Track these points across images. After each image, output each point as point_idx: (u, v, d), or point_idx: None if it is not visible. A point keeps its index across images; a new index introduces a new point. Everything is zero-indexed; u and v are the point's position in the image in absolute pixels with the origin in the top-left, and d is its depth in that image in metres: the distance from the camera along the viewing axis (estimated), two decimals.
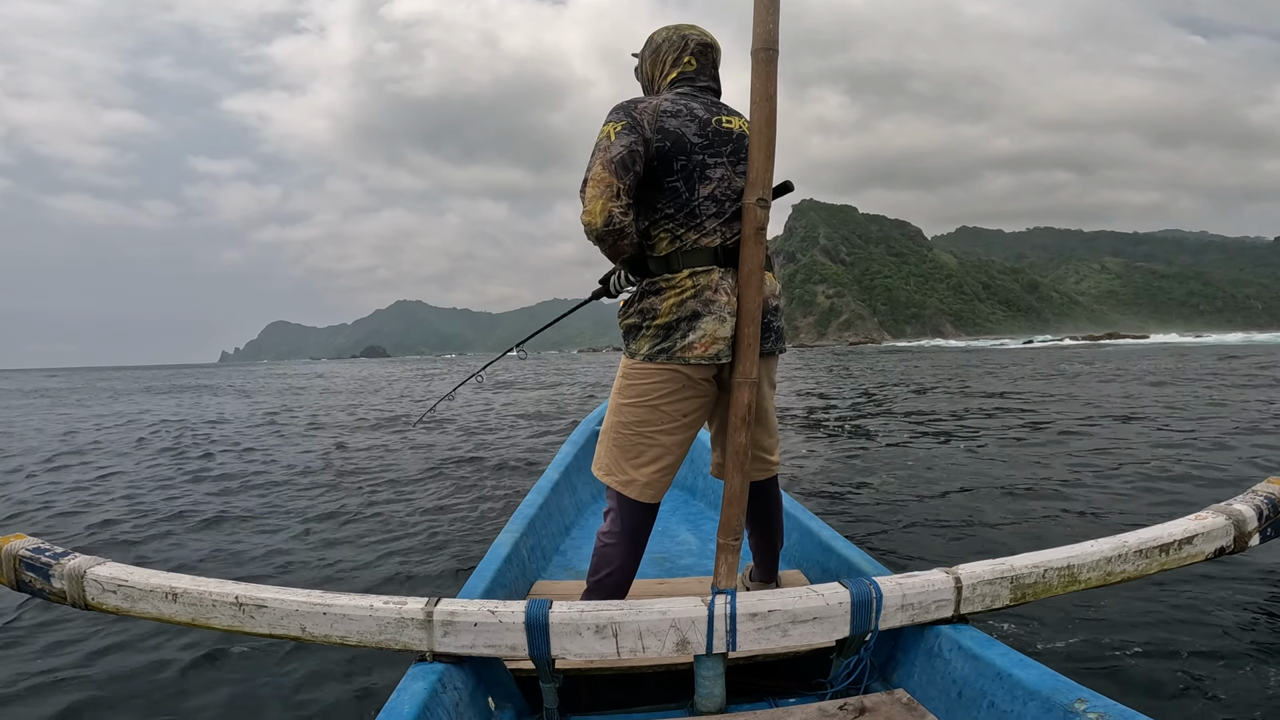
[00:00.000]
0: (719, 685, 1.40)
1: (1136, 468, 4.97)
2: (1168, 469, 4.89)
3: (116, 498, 5.22)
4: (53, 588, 1.33)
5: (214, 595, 1.30)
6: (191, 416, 12.67)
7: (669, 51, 1.63)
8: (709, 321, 1.47)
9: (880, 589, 1.38)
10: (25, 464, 7.04)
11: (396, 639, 1.29)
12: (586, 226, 1.46)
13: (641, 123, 1.48)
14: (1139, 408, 9.24)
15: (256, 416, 12.35)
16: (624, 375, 1.59)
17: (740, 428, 1.42)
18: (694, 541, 2.70)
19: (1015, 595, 1.41)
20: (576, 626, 1.30)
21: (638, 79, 1.76)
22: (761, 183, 1.39)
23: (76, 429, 10.90)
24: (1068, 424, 7.69)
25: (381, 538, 3.93)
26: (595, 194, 1.44)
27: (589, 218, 1.45)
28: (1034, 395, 11.74)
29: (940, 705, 1.35)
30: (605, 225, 1.44)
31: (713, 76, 1.66)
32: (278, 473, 6.30)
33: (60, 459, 7.39)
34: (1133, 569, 1.43)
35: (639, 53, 1.72)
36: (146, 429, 10.47)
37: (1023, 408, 9.73)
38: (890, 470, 5.34)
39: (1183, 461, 5.14)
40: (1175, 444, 5.96)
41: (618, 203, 1.44)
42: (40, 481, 6.05)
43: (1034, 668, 1.23)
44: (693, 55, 1.62)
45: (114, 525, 4.34)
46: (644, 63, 1.70)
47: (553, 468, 3.07)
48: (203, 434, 9.50)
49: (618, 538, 1.61)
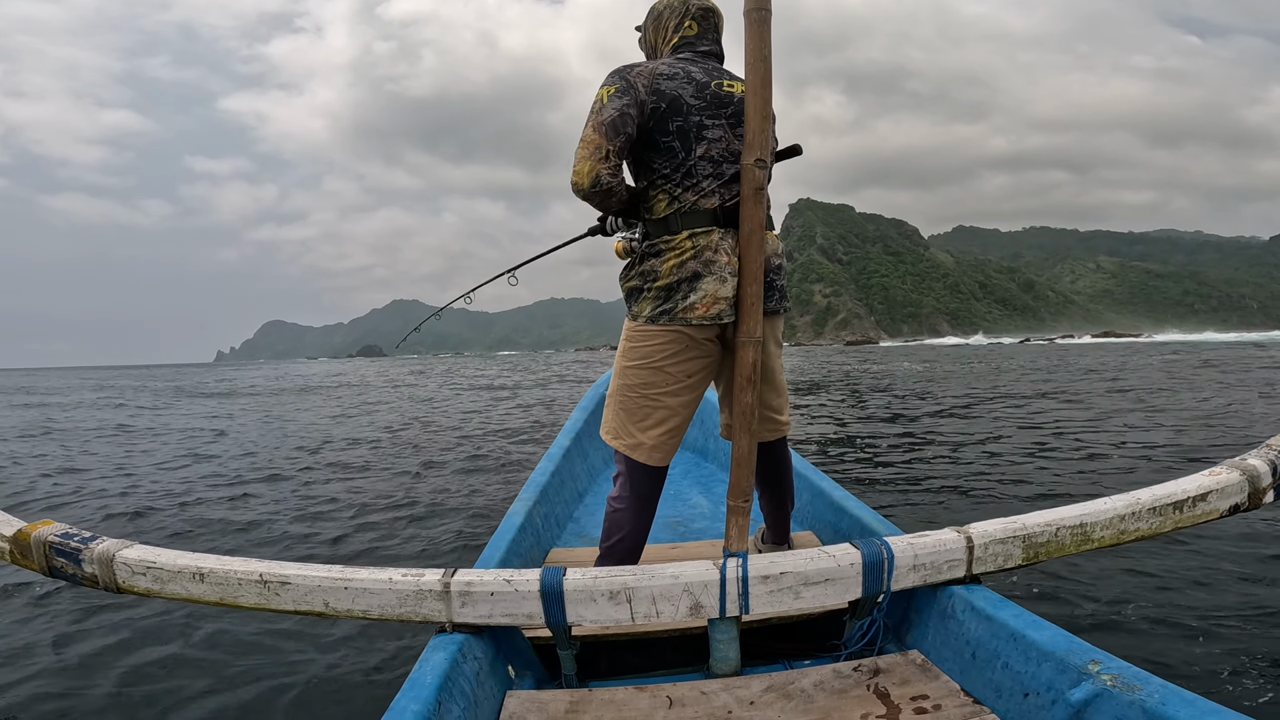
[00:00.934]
0: (733, 648, 1.41)
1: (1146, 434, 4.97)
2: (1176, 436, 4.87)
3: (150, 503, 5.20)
4: (84, 573, 1.34)
5: (240, 574, 1.31)
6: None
7: (670, 18, 1.64)
8: (710, 282, 1.48)
9: (892, 549, 1.37)
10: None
11: (416, 611, 1.30)
12: (574, 186, 1.49)
13: (636, 85, 1.49)
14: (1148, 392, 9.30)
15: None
16: (627, 338, 1.60)
17: (746, 387, 1.43)
18: (706, 504, 2.70)
19: (1028, 554, 1.40)
20: (591, 593, 1.31)
21: (641, 49, 1.76)
22: (759, 143, 1.40)
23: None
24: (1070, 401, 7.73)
25: (398, 514, 3.97)
26: (584, 155, 1.46)
27: (576, 178, 1.48)
28: (1035, 386, 11.79)
29: (954, 666, 1.35)
30: (592, 186, 1.47)
31: (715, 40, 1.66)
32: (295, 457, 6.31)
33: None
34: (1146, 527, 1.42)
35: (642, 24, 1.73)
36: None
37: (1025, 392, 9.78)
38: (900, 439, 5.37)
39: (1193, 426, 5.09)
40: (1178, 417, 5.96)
41: (605, 164, 1.46)
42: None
43: (1047, 628, 1.22)
44: (694, 19, 1.63)
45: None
46: (647, 31, 1.71)
47: (564, 434, 3.05)
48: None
49: (627, 502, 1.62)
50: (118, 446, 7.68)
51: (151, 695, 2.01)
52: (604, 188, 1.47)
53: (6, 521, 1.43)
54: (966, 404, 9.43)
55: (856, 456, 4.98)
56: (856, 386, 13.75)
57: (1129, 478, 4.03)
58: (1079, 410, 7.71)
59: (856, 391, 12.57)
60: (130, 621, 2.51)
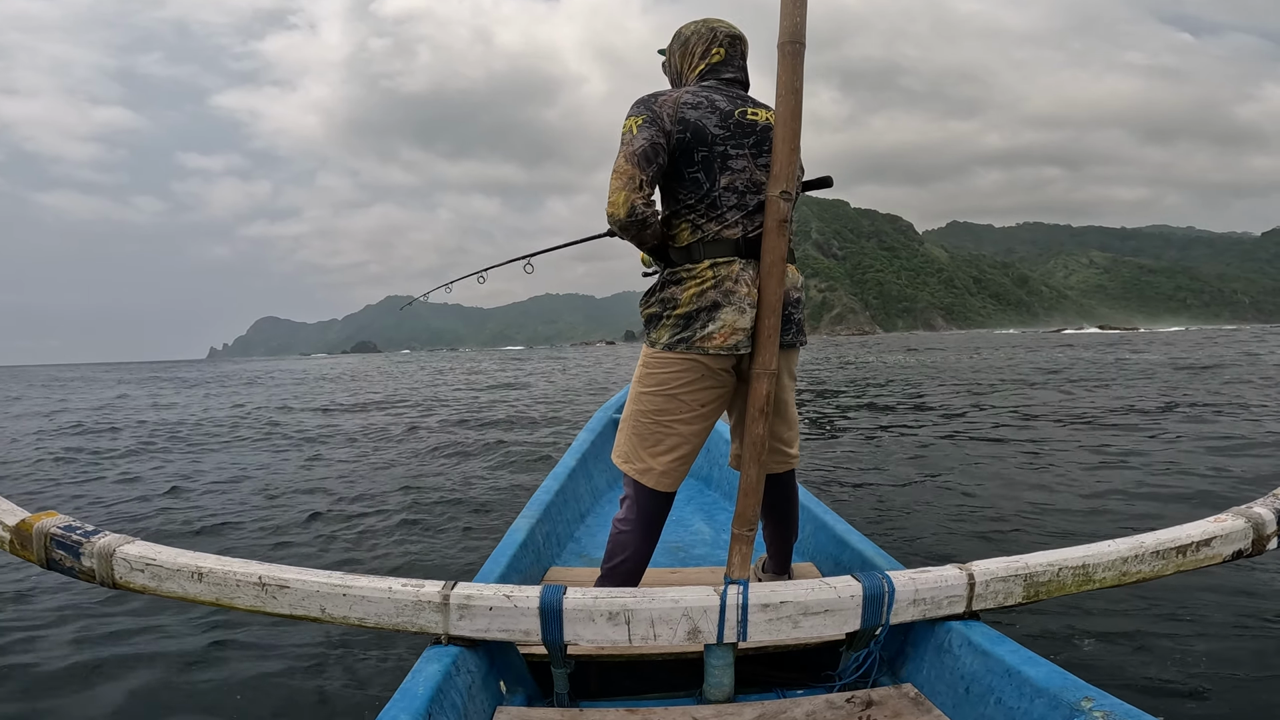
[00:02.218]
0: (728, 675, 1.41)
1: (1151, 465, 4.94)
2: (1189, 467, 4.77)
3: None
4: (82, 566, 1.32)
5: (238, 575, 1.30)
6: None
7: (697, 44, 1.63)
8: (729, 312, 1.47)
9: (893, 583, 1.37)
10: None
11: (413, 621, 1.29)
12: (610, 217, 1.49)
13: (661, 115, 1.49)
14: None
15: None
16: (644, 364, 1.60)
17: (758, 419, 1.43)
18: (708, 531, 2.70)
19: (1029, 593, 1.41)
20: (590, 613, 1.31)
21: (665, 74, 1.76)
22: (785, 175, 1.39)
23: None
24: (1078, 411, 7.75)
25: (397, 522, 3.97)
26: (618, 185, 1.46)
27: (612, 209, 1.47)
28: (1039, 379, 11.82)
29: (948, 700, 1.35)
30: (628, 216, 1.46)
31: (740, 68, 1.65)
32: (294, 458, 6.33)
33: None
34: (1149, 570, 1.42)
35: (666, 48, 1.72)
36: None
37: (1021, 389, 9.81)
38: (902, 462, 5.36)
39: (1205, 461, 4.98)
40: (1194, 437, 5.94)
41: (640, 194, 1.46)
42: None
43: (1043, 665, 1.22)
44: (721, 46, 1.62)
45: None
46: (672, 56, 1.70)
47: (569, 454, 3.05)
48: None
49: (633, 525, 1.62)
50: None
51: (139, 696, 2.00)
52: (640, 218, 1.47)
53: (10, 511, 1.40)
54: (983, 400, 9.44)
55: (848, 476, 4.97)
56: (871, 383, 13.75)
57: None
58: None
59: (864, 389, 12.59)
60: (125, 620, 2.51)
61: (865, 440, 6.50)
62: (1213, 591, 2.47)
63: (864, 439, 6.59)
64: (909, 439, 6.47)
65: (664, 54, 1.74)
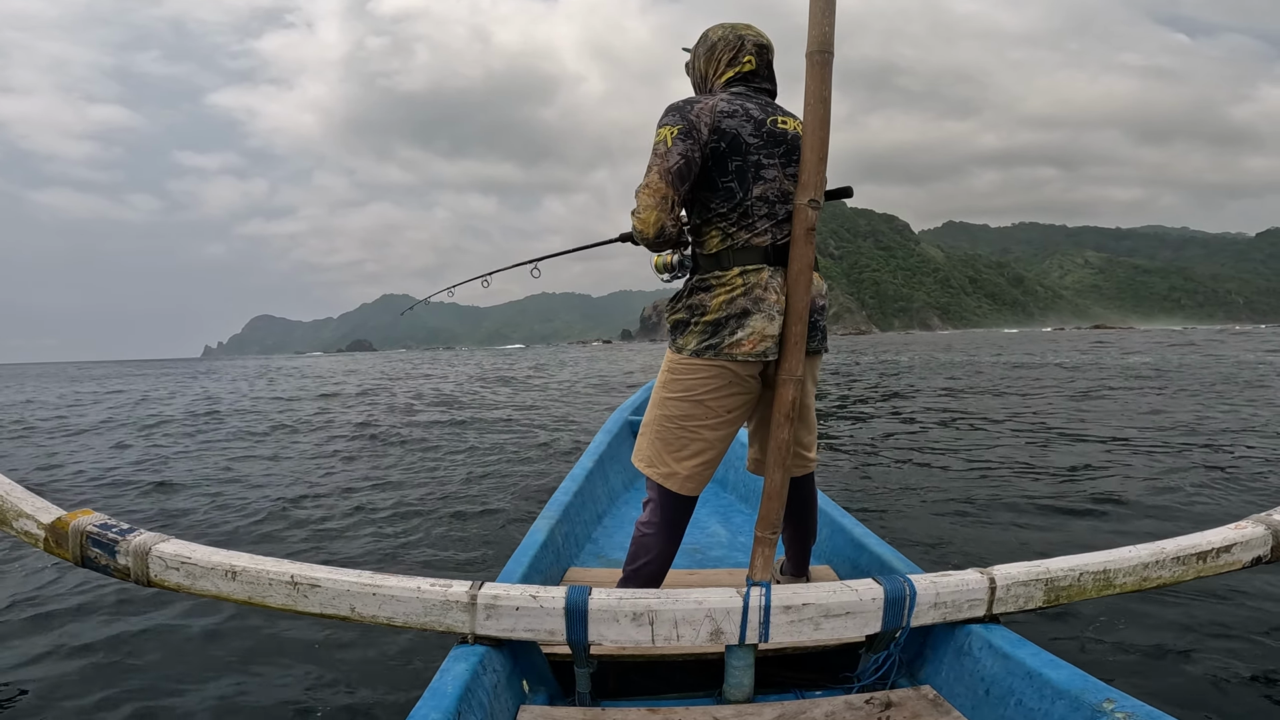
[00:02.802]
0: (748, 675, 1.42)
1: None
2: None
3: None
4: (118, 564, 1.33)
5: (271, 574, 1.31)
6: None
7: (724, 50, 1.63)
8: (758, 319, 1.48)
9: (914, 586, 1.39)
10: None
11: (441, 621, 1.30)
12: (637, 234, 1.51)
13: (698, 125, 1.48)
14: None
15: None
16: (669, 370, 1.60)
17: (784, 424, 1.44)
18: (724, 534, 2.71)
19: (1049, 597, 1.42)
20: (615, 613, 1.32)
21: (688, 74, 1.75)
22: (814, 184, 1.40)
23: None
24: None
25: (415, 521, 3.96)
26: (650, 203, 1.47)
27: (641, 226, 1.49)
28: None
29: (967, 702, 1.36)
30: (656, 236, 1.49)
31: (768, 77, 1.66)
32: (314, 454, 6.36)
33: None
34: (1169, 575, 1.44)
35: (691, 48, 1.72)
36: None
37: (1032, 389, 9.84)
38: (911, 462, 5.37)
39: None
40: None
41: (671, 215, 1.48)
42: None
43: (1064, 668, 1.23)
44: (751, 55, 1.62)
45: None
46: (697, 60, 1.69)
47: (587, 455, 3.07)
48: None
49: (656, 528, 1.63)
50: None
51: (168, 691, 2.02)
52: (667, 238, 1.49)
53: (45, 509, 1.41)
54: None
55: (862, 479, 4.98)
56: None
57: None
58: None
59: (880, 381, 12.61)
60: (156, 616, 2.52)
61: (876, 444, 6.51)
62: (1232, 597, 2.47)
63: (874, 442, 6.61)
64: (918, 440, 6.48)
65: (689, 52, 1.74)
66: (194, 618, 2.50)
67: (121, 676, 2.10)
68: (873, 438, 6.71)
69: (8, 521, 1.42)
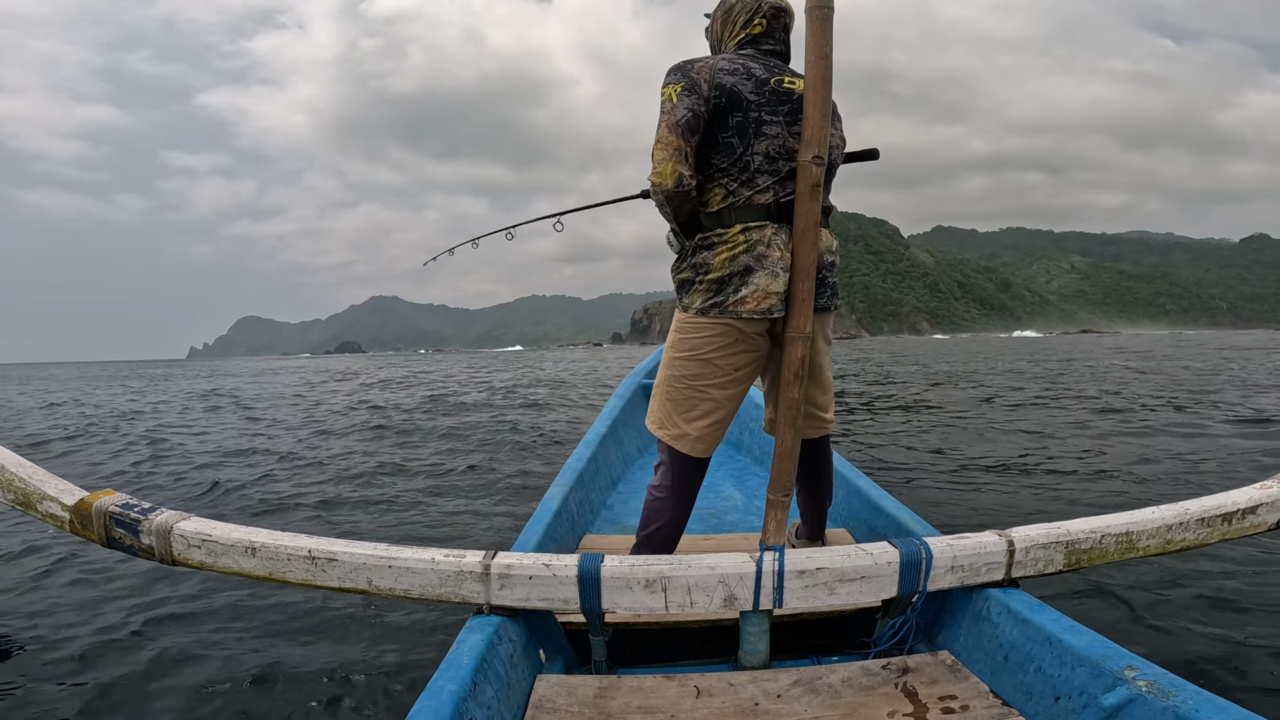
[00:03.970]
0: (763, 641, 1.40)
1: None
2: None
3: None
4: (141, 544, 1.34)
5: (289, 550, 1.31)
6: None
7: (741, 13, 1.64)
8: (761, 276, 1.47)
9: (930, 550, 1.36)
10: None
11: (456, 591, 1.30)
12: (656, 187, 1.49)
13: (699, 82, 1.49)
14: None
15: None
16: (677, 329, 1.59)
17: (793, 383, 1.42)
18: (739, 497, 2.69)
19: (1069, 560, 1.40)
20: (627, 580, 1.31)
21: (706, 38, 1.76)
22: (816, 140, 1.39)
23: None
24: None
25: (429, 493, 4.00)
26: (664, 156, 1.46)
27: (659, 178, 1.47)
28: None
29: (985, 668, 1.34)
30: (675, 186, 1.47)
31: (781, 40, 1.65)
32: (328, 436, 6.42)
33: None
34: (1193, 537, 1.41)
35: (711, 12, 1.72)
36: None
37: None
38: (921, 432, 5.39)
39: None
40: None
41: (685, 165, 1.47)
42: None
43: (1085, 634, 1.21)
44: (764, 17, 1.62)
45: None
46: (715, 23, 1.70)
47: (600, 421, 3.05)
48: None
49: (668, 491, 1.62)
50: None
51: (187, 664, 2.05)
52: (685, 188, 1.48)
53: (68, 491, 1.42)
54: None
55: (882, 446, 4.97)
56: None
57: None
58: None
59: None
60: (177, 591, 2.55)
61: (895, 414, 6.52)
62: (1258, 560, 2.45)
63: (894, 415, 6.62)
64: (938, 415, 6.50)
65: (708, 18, 1.74)
66: (214, 593, 2.53)
67: (144, 651, 2.14)
68: (892, 412, 6.74)
69: (33, 505, 1.43)
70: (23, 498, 1.44)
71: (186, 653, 2.13)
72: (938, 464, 4.61)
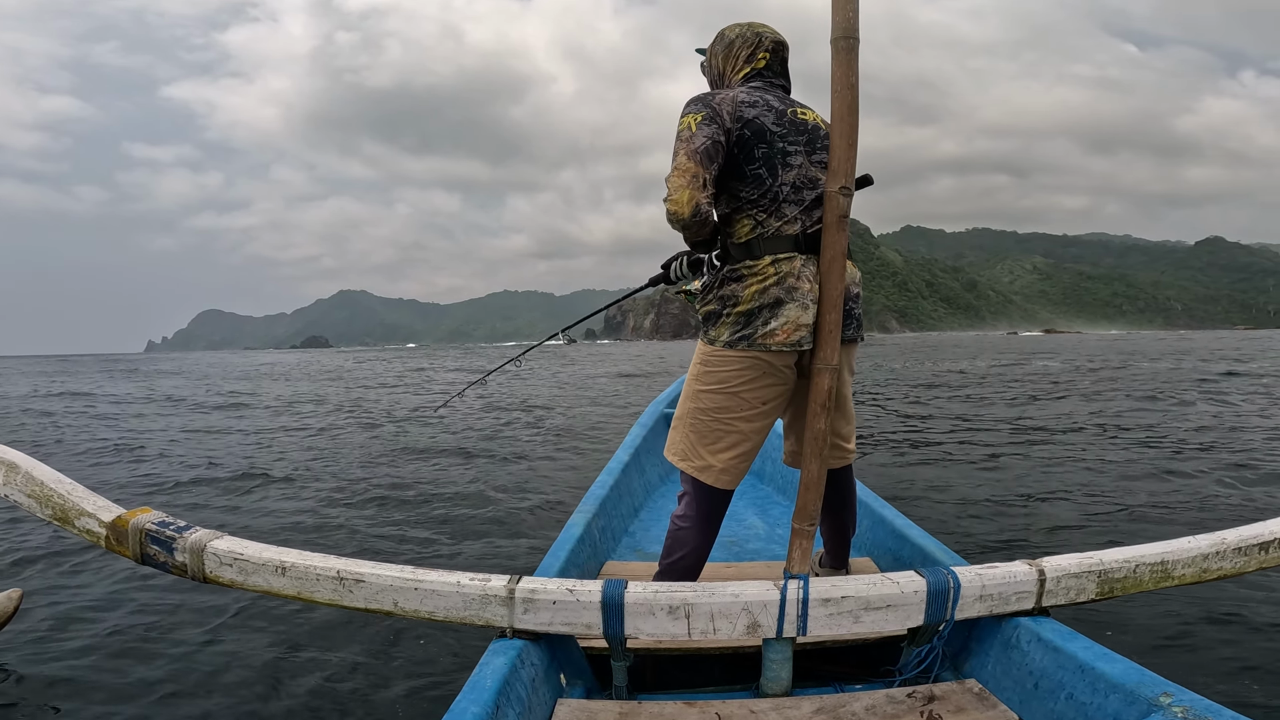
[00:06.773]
0: (786, 669, 1.40)
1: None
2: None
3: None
4: (175, 561, 1.35)
5: (318, 570, 1.32)
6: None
7: (742, 48, 1.65)
8: (792, 308, 1.47)
9: (959, 579, 1.36)
10: None
11: (480, 615, 1.30)
12: (672, 216, 1.47)
13: (721, 113, 1.49)
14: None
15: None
16: (702, 362, 1.58)
17: (820, 414, 1.43)
18: (761, 526, 2.69)
19: (1103, 589, 1.39)
20: (651, 606, 1.31)
21: (704, 74, 1.76)
22: (844, 171, 1.40)
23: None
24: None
25: (449, 517, 3.98)
26: (682, 183, 1.44)
27: (675, 206, 1.45)
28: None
29: (1014, 696, 1.34)
30: (693, 215, 1.45)
31: (782, 73, 1.67)
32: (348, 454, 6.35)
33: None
34: (1230, 566, 1.41)
35: (708, 48, 1.73)
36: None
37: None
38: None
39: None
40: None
41: (704, 193, 1.45)
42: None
43: (1118, 661, 1.21)
44: (767, 51, 1.64)
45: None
46: (714, 58, 1.70)
47: (623, 449, 3.05)
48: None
49: (692, 522, 1.61)
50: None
51: (210, 675, 2.08)
52: (703, 217, 1.47)
53: (106, 507, 1.41)
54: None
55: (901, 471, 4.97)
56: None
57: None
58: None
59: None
60: (210, 608, 2.57)
61: (914, 437, 6.55)
62: None
63: (913, 437, 6.66)
64: (961, 438, 6.53)
65: (703, 54, 1.75)
66: (243, 609, 2.56)
67: (166, 659, 2.19)
68: (911, 429, 6.74)
69: (70, 520, 1.42)
70: (60, 513, 1.43)
71: (210, 664, 2.16)
72: (944, 479, 4.66)
